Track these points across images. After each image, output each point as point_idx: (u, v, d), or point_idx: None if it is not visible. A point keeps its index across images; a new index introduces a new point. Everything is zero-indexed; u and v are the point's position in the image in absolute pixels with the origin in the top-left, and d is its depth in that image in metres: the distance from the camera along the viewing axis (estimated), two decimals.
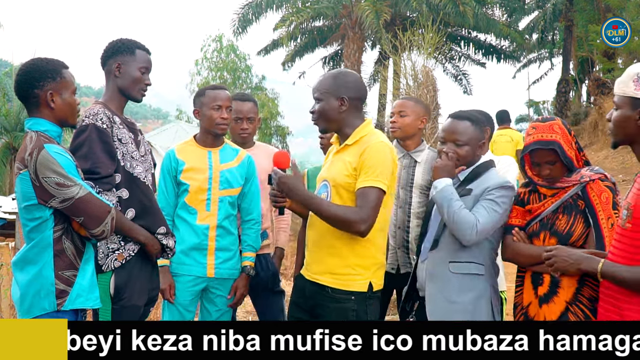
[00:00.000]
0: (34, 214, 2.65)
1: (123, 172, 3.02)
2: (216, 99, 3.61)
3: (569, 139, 2.87)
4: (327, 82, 3.02)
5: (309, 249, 3.11)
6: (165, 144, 17.85)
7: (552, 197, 2.88)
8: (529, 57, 27.08)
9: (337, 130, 3.07)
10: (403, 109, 3.86)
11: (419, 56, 11.96)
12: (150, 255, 3.10)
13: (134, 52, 3.12)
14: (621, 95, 2.41)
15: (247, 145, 4.00)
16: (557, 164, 2.85)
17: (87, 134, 2.93)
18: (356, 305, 2.91)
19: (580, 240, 2.78)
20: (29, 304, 2.65)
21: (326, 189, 3.02)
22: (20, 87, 2.73)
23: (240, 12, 22.09)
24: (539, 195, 2.93)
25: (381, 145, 2.94)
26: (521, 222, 2.96)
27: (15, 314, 5.23)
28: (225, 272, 3.61)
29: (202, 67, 27.06)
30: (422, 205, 3.74)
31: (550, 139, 2.84)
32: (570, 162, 2.86)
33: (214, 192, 3.56)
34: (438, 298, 3.00)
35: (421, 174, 3.77)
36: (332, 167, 3.05)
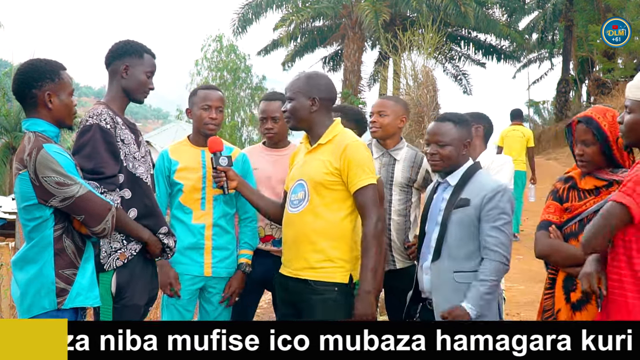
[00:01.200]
0: (34, 213, 2.65)
1: (126, 172, 3.02)
2: (206, 99, 3.59)
3: (618, 131, 2.64)
4: (299, 83, 3.13)
5: (287, 246, 3.17)
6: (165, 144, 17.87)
7: (595, 196, 2.72)
8: (529, 57, 27.10)
9: (308, 129, 3.17)
10: (383, 108, 3.86)
11: (419, 56, 11.99)
12: (151, 255, 3.10)
13: (142, 56, 3.13)
14: (634, 99, 2.40)
15: (278, 147, 3.92)
16: (593, 148, 2.71)
17: (91, 134, 2.92)
18: (339, 296, 2.99)
19: None
20: (29, 302, 2.65)
21: (302, 188, 3.10)
22: (19, 87, 2.73)
23: (240, 12, 22.11)
24: (579, 193, 2.77)
25: (359, 143, 3.09)
26: (558, 220, 2.79)
27: (15, 313, 5.23)
28: (222, 270, 3.61)
29: (202, 67, 27.09)
30: (402, 203, 3.76)
31: (592, 116, 2.73)
32: (610, 151, 2.69)
33: (208, 191, 3.56)
34: (445, 308, 2.96)
35: (400, 172, 3.79)
36: (307, 167, 3.11)
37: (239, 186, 3.35)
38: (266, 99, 3.94)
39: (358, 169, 3.00)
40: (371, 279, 2.96)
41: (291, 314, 3.14)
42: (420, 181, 3.82)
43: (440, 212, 3.08)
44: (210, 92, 3.64)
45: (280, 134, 3.89)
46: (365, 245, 2.98)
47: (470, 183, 3.07)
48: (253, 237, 3.71)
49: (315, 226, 3.04)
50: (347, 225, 3.06)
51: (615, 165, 2.73)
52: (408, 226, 3.78)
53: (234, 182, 3.33)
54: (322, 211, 3.04)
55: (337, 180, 3.04)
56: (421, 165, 3.80)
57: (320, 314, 2.98)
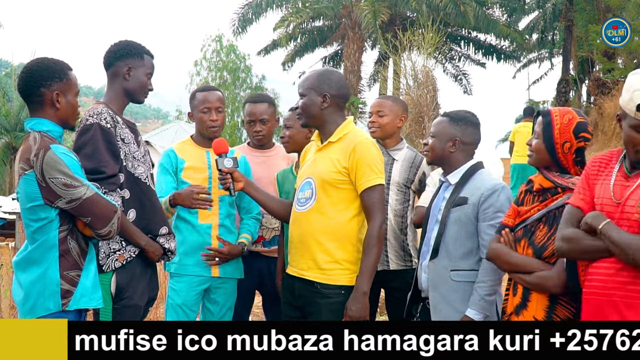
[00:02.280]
0: (39, 214, 2.65)
1: (125, 172, 3.02)
2: (204, 102, 3.60)
3: (570, 136, 2.68)
4: (311, 79, 3.11)
5: (293, 245, 3.14)
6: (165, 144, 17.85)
7: (542, 202, 2.71)
8: (529, 57, 27.07)
9: (319, 126, 3.14)
10: (381, 108, 3.86)
11: (419, 56, 11.99)
12: (151, 259, 3.10)
13: (143, 57, 3.15)
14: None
15: (265, 147, 3.95)
16: (539, 142, 2.72)
17: (92, 133, 2.92)
18: (345, 299, 2.95)
19: (553, 257, 2.59)
20: (33, 304, 2.65)
21: (310, 186, 3.07)
22: (26, 85, 2.72)
23: (240, 11, 22.09)
24: (533, 197, 2.76)
25: (369, 141, 3.07)
26: (512, 223, 2.79)
27: (15, 314, 5.23)
28: (229, 271, 3.62)
29: (201, 67, 27.10)
30: (399, 203, 3.76)
31: (551, 112, 2.73)
32: (553, 150, 2.69)
33: (214, 192, 3.56)
34: (443, 307, 2.99)
35: (398, 172, 3.79)
36: (317, 165, 3.09)
37: (245, 187, 3.29)
38: (253, 102, 3.93)
39: (367, 168, 2.98)
40: (368, 280, 2.95)
41: (296, 318, 3.11)
42: (417, 182, 3.82)
43: (440, 211, 3.09)
44: (208, 94, 3.64)
45: (268, 135, 3.92)
46: (367, 246, 2.96)
47: (470, 182, 3.07)
48: (254, 227, 3.72)
49: (321, 225, 3.01)
50: (353, 226, 3.04)
51: (562, 170, 2.71)
52: (405, 227, 3.77)
53: (240, 183, 3.26)
54: (329, 211, 3.02)
55: (346, 180, 3.02)
56: (419, 166, 3.80)
57: (326, 317, 2.96)
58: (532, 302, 2.63)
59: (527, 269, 2.64)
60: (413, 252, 3.76)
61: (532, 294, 2.63)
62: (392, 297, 3.80)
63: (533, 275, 2.61)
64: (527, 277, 2.63)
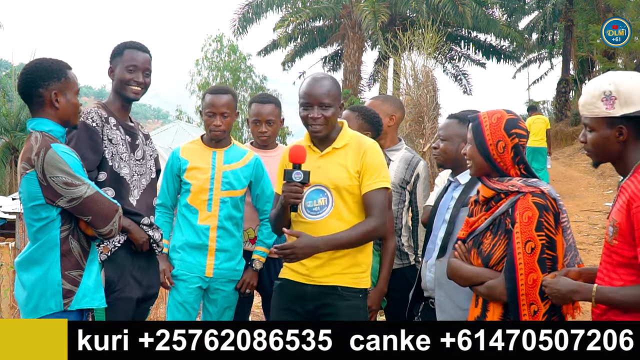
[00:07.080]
0: (40, 214, 2.65)
1: (110, 171, 3.09)
2: (211, 106, 3.61)
3: (502, 135, 2.62)
4: (335, 88, 3.02)
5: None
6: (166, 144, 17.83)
7: (487, 211, 2.66)
8: (529, 57, 27.12)
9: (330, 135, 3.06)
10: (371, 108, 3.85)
11: (419, 56, 11.98)
12: (136, 246, 3.11)
13: (122, 53, 3.22)
14: (592, 116, 2.33)
15: (268, 148, 3.95)
16: (472, 147, 2.66)
17: (77, 131, 3.02)
18: (362, 303, 3.02)
19: (500, 265, 2.57)
20: (35, 304, 2.66)
21: (324, 194, 3.01)
22: (25, 86, 2.73)
23: (241, 12, 22.12)
24: (481, 208, 2.71)
25: (378, 147, 3.08)
26: (464, 235, 2.75)
27: (15, 314, 5.23)
28: (224, 272, 3.62)
29: (202, 67, 27.07)
30: (395, 204, 3.72)
31: (479, 116, 2.68)
32: (487, 153, 2.63)
33: (215, 193, 3.57)
34: (448, 306, 2.98)
35: (394, 172, 3.75)
36: (327, 172, 3.01)
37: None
38: (260, 102, 3.91)
39: (375, 171, 2.98)
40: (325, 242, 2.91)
41: None
42: (412, 184, 3.77)
43: (448, 210, 3.08)
44: (215, 98, 3.62)
45: (273, 136, 3.94)
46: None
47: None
48: (269, 236, 3.72)
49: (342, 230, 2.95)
50: None
51: (502, 174, 2.65)
52: (400, 227, 3.75)
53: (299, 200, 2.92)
54: (347, 216, 2.99)
55: (358, 185, 3.00)
56: (416, 168, 3.76)
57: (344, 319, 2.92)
58: (490, 311, 2.60)
59: (480, 279, 2.61)
60: (409, 252, 3.76)
61: (489, 303, 2.60)
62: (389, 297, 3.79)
63: (483, 286, 2.59)
64: (479, 287, 2.61)
